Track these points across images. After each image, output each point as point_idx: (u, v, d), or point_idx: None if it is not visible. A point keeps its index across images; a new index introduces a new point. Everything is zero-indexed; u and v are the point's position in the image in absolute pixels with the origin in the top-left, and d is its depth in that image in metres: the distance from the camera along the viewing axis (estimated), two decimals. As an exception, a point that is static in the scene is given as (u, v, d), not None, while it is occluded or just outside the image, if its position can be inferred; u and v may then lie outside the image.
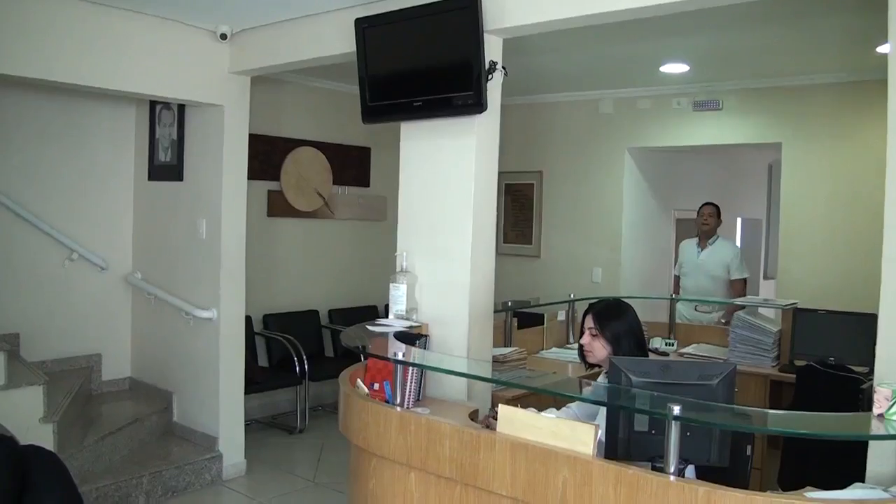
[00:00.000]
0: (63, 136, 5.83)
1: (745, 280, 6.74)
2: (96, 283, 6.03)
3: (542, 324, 5.71)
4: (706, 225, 6.80)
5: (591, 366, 3.47)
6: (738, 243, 9.89)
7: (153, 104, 5.97)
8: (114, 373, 6.18)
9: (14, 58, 4.38)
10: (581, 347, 3.38)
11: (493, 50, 3.80)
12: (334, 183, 7.52)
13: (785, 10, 4.68)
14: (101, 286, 6.06)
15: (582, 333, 3.36)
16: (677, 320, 6.18)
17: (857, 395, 4.11)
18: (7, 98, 5.47)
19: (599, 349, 3.25)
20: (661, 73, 6.52)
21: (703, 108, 6.98)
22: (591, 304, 3.43)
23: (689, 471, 2.60)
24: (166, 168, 5.88)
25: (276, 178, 7.05)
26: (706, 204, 6.89)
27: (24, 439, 2.32)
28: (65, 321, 5.87)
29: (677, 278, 7.10)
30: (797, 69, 6.24)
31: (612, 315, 3.30)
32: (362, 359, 3.72)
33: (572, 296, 5.95)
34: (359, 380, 3.41)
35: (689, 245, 7.02)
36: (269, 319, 7.04)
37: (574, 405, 3.36)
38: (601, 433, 2.48)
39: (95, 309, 6.04)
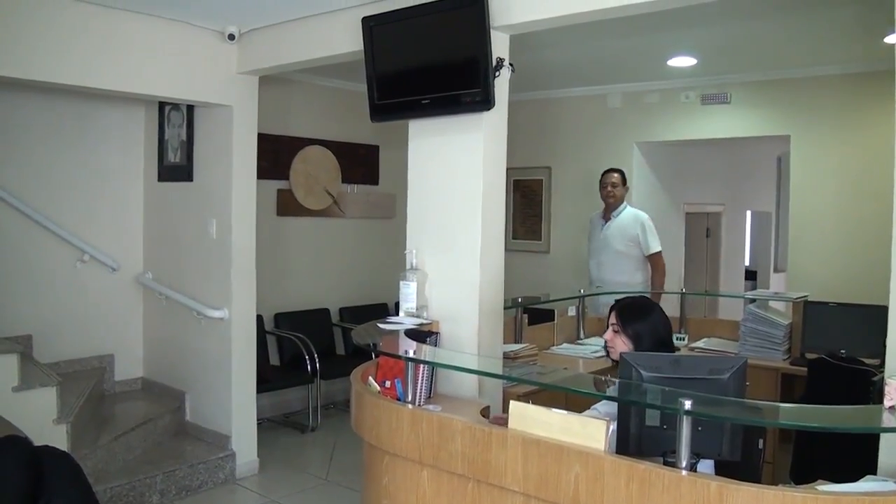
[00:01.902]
0: (73, 139, 5.85)
1: (660, 253, 6.14)
2: (108, 284, 6.06)
3: (553, 320, 5.71)
4: (612, 197, 6.15)
5: (616, 362, 3.42)
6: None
7: (162, 105, 5.99)
8: (126, 373, 6.21)
9: (23, 61, 4.40)
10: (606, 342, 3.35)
11: (499, 47, 3.81)
12: (343, 181, 7.53)
13: (793, 1, 4.67)
14: (112, 287, 6.09)
15: (607, 328, 3.33)
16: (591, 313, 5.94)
17: (868, 388, 4.10)
18: (17, 101, 5.50)
19: (621, 345, 3.19)
20: (668, 66, 6.51)
21: (711, 102, 6.96)
22: (616, 300, 3.39)
23: (708, 465, 2.60)
24: (176, 169, 5.90)
25: (286, 177, 7.07)
26: (609, 171, 6.24)
27: (38, 440, 2.34)
28: (77, 322, 5.90)
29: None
30: (805, 61, 6.22)
31: (636, 313, 3.25)
32: (373, 356, 3.73)
33: (582, 291, 5.95)
34: (370, 377, 3.43)
35: (595, 219, 6.44)
36: (280, 318, 7.06)
37: (600, 405, 3.30)
38: (613, 428, 2.49)
39: (107, 310, 6.07)
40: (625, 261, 6.11)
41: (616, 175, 6.19)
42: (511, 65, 3.85)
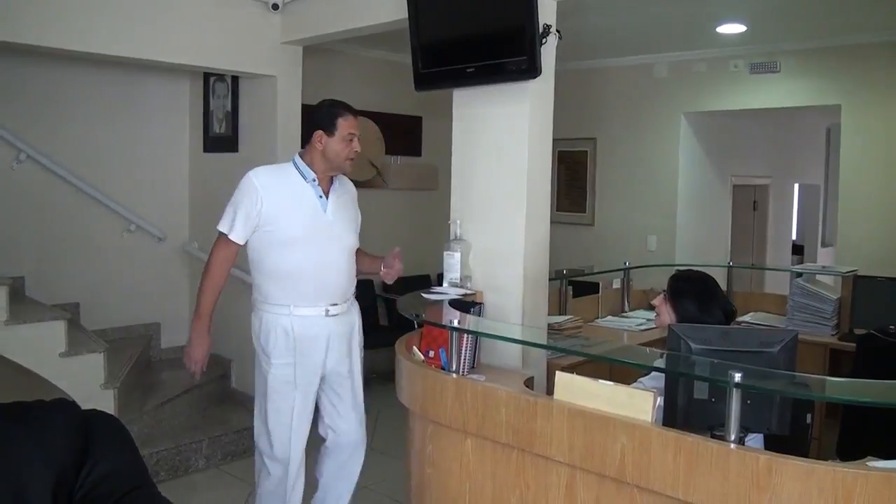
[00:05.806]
0: (119, 110, 5.91)
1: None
2: (154, 253, 6.14)
3: (597, 292, 5.67)
4: (352, 160, 3.86)
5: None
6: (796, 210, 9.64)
7: (207, 76, 6.02)
8: (172, 341, 6.29)
9: (69, 33, 4.44)
10: None
11: (546, 13, 3.74)
12: (386, 153, 7.51)
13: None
14: (158, 256, 6.17)
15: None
16: None
17: (920, 364, 4.03)
18: (65, 73, 5.56)
19: (665, 316, 3.13)
20: (717, 34, 6.37)
21: (760, 71, 6.81)
22: (679, 270, 3.29)
23: (757, 440, 2.56)
24: (221, 140, 5.93)
25: (329, 148, 7.07)
26: (352, 111, 3.83)
27: (85, 405, 2.37)
28: (124, 291, 5.99)
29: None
30: (858, 28, 6.05)
31: (691, 295, 3.10)
32: (416, 326, 3.73)
33: (627, 264, 5.89)
34: (415, 347, 3.43)
35: (299, 188, 3.80)
36: (323, 289, 7.08)
37: (645, 379, 3.24)
38: (660, 400, 2.46)
39: (154, 279, 6.16)
40: (352, 259, 4.01)
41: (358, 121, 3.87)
42: (558, 31, 3.79)
